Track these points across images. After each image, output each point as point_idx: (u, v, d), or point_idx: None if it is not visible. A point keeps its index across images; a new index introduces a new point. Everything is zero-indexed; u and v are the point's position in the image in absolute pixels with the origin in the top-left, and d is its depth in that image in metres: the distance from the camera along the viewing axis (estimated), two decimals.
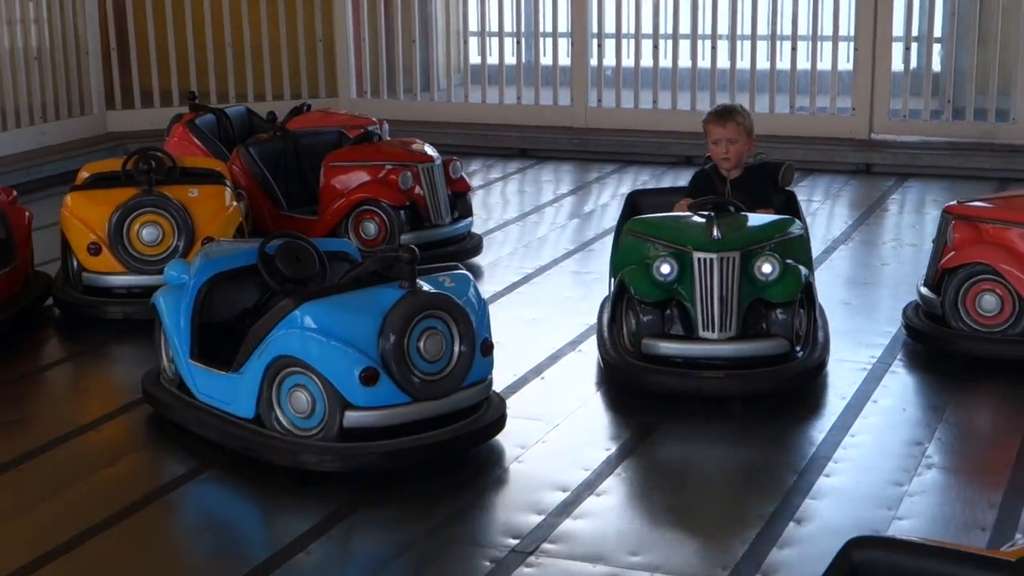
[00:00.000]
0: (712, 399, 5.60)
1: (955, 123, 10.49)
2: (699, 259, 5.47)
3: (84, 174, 7.26)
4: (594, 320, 6.34)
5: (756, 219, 5.82)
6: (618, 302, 5.86)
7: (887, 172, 10.11)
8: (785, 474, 4.88)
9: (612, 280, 6.09)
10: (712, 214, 5.64)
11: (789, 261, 5.55)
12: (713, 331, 5.45)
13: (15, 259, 6.79)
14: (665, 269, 5.47)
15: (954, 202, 6.25)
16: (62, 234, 6.95)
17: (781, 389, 5.55)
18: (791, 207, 6.26)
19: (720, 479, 5.15)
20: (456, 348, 4.97)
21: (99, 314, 6.81)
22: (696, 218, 5.79)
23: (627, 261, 5.81)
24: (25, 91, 10.77)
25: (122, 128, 11.30)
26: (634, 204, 6.48)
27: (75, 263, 6.89)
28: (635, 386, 5.70)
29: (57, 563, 4.36)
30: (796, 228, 5.88)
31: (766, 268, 5.43)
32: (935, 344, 6.04)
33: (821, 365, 5.76)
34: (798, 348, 5.62)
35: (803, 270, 5.60)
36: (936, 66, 10.98)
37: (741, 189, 6.05)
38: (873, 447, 5.14)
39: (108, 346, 6.58)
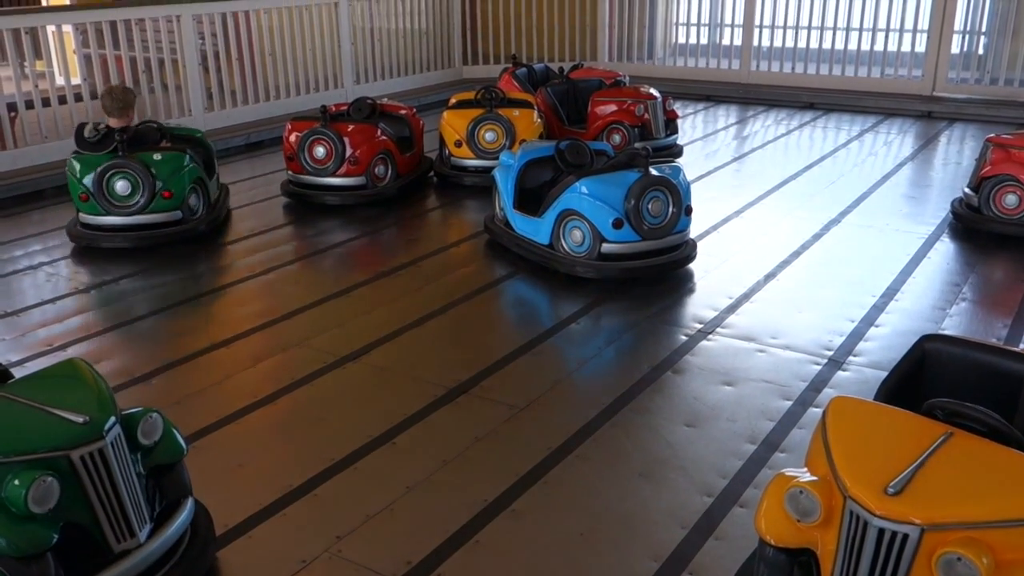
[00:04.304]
0: None
1: (989, 87, 9.60)
2: None
3: (452, 100, 7.25)
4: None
5: None
6: None
7: (942, 117, 9.33)
8: (867, 298, 4.62)
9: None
10: None
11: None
12: None
13: (415, 147, 6.91)
14: None
15: (993, 135, 5.72)
16: (440, 134, 6.98)
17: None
18: None
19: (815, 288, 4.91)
20: (670, 209, 4.86)
21: (459, 181, 6.86)
22: None
23: None
24: (416, 54, 10.84)
25: (472, 76, 11.28)
26: None
27: (446, 152, 6.93)
28: None
29: (436, 320, 4.53)
30: None
31: None
32: (971, 225, 5.58)
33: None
34: None
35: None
36: (980, 50, 10.01)
37: None
38: (926, 285, 4.83)
39: (463, 200, 6.64)
